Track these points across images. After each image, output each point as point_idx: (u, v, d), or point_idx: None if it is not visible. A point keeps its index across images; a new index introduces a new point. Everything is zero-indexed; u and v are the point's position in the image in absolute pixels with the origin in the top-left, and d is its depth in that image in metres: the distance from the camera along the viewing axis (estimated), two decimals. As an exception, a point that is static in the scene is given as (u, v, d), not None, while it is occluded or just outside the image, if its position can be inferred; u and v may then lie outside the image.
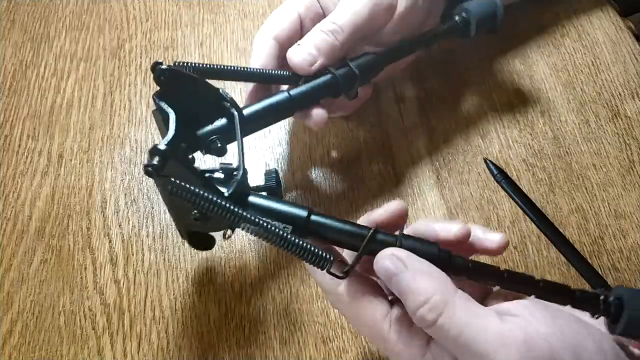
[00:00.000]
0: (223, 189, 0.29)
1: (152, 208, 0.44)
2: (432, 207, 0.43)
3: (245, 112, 0.35)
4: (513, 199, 0.43)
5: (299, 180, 0.45)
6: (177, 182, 0.25)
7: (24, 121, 0.48)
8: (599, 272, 0.40)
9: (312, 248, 0.27)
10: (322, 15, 0.41)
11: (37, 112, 0.49)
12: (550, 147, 0.45)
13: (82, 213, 0.44)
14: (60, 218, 0.44)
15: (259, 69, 0.38)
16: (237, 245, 0.42)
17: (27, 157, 0.46)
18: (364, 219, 0.31)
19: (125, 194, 0.44)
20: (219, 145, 0.33)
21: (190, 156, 0.33)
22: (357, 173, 0.45)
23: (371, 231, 0.28)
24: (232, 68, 0.36)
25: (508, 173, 0.44)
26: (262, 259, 0.41)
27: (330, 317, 0.39)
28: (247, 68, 0.37)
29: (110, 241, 0.43)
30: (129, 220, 0.43)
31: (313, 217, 0.29)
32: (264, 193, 0.30)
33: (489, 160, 0.45)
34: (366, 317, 0.28)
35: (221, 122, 0.34)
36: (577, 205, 0.43)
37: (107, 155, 0.46)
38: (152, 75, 0.50)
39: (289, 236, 0.27)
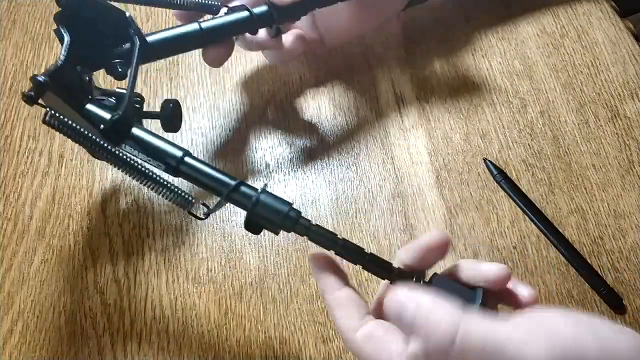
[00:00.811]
0: (107, 116, 0.30)
1: (153, 208, 0.44)
2: (431, 207, 0.43)
3: (151, 38, 0.36)
4: (513, 199, 0.43)
5: (299, 179, 0.45)
6: (52, 112, 0.27)
7: (25, 121, 0.48)
8: (599, 272, 0.40)
9: (175, 189, 0.29)
10: None
11: (38, 112, 0.49)
12: (549, 147, 0.45)
13: (82, 213, 0.44)
14: (61, 218, 0.44)
15: None
16: (237, 245, 0.42)
17: (27, 158, 0.47)
18: (403, 251, 0.30)
19: (126, 194, 0.44)
20: (120, 70, 0.34)
21: (88, 77, 0.34)
22: (357, 173, 0.45)
23: (235, 183, 0.29)
24: None
25: (508, 173, 0.44)
26: (262, 259, 0.42)
27: (330, 317, 0.39)
28: None
29: (110, 241, 0.43)
30: (129, 220, 0.43)
31: (186, 159, 0.30)
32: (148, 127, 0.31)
33: (489, 161, 0.45)
34: (382, 353, 0.27)
35: (126, 46, 0.35)
36: (576, 205, 0.43)
37: (108, 155, 0.46)
38: (152, 77, 0.51)
39: (152, 175, 0.29)
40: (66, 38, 0.30)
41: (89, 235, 0.43)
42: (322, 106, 0.48)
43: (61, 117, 0.27)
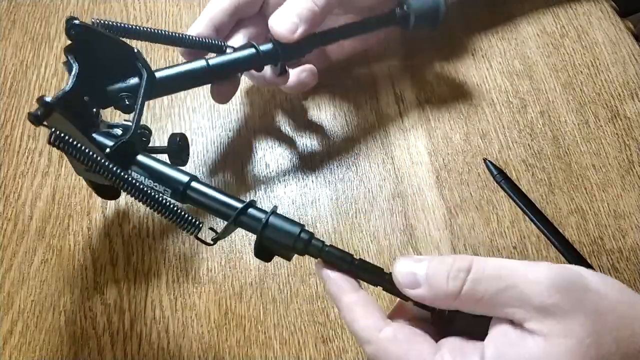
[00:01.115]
0: (112, 143, 0.30)
1: (153, 208, 0.44)
2: (431, 207, 0.43)
3: (159, 74, 0.36)
4: (513, 199, 0.43)
5: (299, 179, 0.45)
6: (58, 133, 0.27)
7: (25, 121, 0.48)
8: (599, 272, 0.40)
9: (182, 213, 0.29)
10: None
11: (38, 112, 0.49)
12: (549, 147, 0.45)
13: (82, 213, 0.44)
14: (61, 218, 0.44)
15: (185, 35, 0.38)
16: (237, 245, 0.42)
17: (27, 158, 0.47)
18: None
19: (126, 194, 0.44)
20: (127, 103, 0.34)
21: (95, 110, 0.34)
22: (357, 173, 0.45)
23: (242, 205, 0.29)
24: (155, 31, 0.37)
25: (508, 173, 0.44)
26: (262, 259, 0.42)
27: (330, 317, 0.39)
28: (171, 32, 0.38)
29: (110, 241, 0.43)
30: (129, 220, 0.43)
31: (193, 184, 0.30)
32: (157, 156, 0.32)
33: (489, 161, 0.45)
34: (414, 354, 0.26)
35: (133, 80, 0.35)
36: (576, 205, 0.43)
37: (108, 155, 0.46)
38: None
39: (159, 198, 0.28)
40: (74, 67, 0.31)
41: (89, 235, 0.43)
42: (322, 106, 0.48)
43: (67, 137, 0.27)
